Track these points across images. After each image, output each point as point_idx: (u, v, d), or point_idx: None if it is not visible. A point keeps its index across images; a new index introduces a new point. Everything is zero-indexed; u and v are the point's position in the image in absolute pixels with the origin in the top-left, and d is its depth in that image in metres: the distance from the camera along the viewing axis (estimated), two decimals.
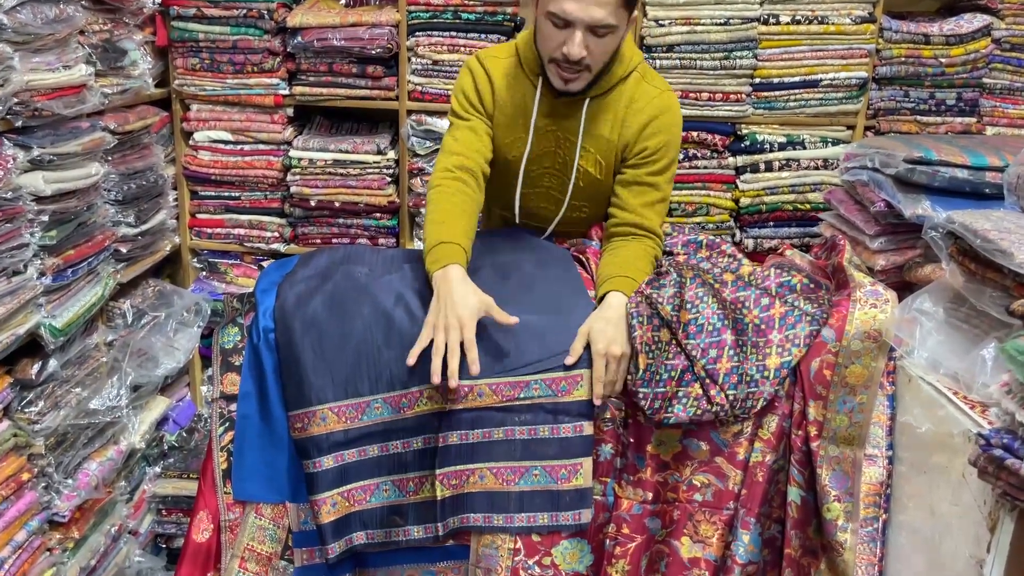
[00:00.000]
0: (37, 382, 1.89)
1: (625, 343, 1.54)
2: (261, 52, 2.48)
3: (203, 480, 1.67)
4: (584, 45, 1.60)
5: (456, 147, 1.76)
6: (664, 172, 1.79)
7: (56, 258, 1.91)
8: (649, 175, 1.77)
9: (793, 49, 2.41)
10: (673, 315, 1.56)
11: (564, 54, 1.62)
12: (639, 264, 1.69)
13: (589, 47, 1.61)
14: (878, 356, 1.53)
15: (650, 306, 1.57)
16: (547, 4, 1.61)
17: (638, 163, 1.78)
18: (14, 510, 1.83)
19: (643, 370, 1.51)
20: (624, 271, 1.66)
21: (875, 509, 1.54)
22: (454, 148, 1.76)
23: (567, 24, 1.59)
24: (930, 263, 1.65)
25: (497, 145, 1.82)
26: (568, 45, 1.61)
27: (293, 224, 2.67)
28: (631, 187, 1.78)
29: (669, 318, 1.56)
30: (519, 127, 1.80)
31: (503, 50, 1.85)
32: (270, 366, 1.59)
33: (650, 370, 1.51)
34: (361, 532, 1.56)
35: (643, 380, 1.50)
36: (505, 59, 1.82)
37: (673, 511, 1.60)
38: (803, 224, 2.52)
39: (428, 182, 1.80)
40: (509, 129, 1.81)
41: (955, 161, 1.65)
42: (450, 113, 1.84)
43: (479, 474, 1.54)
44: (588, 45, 1.61)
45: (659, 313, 1.57)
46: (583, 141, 1.78)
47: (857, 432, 1.53)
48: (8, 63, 1.73)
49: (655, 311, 1.57)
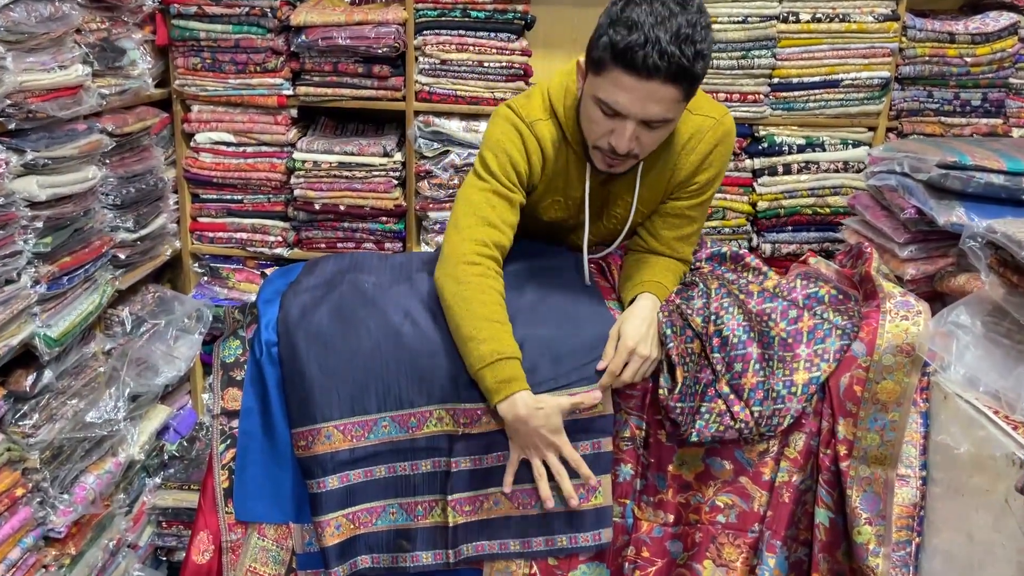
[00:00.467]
0: (32, 394, 1.83)
1: (655, 347, 1.47)
2: (264, 51, 2.42)
3: (203, 498, 1.61)
4: (634, 137, 1.44)
5: (493, 217, 1.54)
6: (706, 203, 1.68)
7: (51, 265, 1.84)
8: (691, 208, 1.66)
9: (813, 48, 2.33)
10: (703, 327, 1.50)
11: (611, 145, 1.46)
12: (667, 275, 1.62)
13: (640, 138, 1.45)
14: (911, 371, 1.47)
15: (682, 317, 1.51)
16: (596, 88, 1.42)
17: (683, 196, 1.65)
18: (8, 527, 1.76)
19: (681, 384, 1.44)
20: (654, 277, 1.59)
21: (908, 532, 1.48)
22: (491, 218, 1.54)
23: (617, 114, 1.43)
24: (964, 273, 1.58)
25: (534, 213, 1.68)
26: (617, 138, 1.44)
27: (297, 228, 2.61)
28: (668, 219, 1.67)
29: (700, 330, 1.50)
30: (558, 191, 1.65)
31: (542, 110, 1.60)
32: (273, 381, 1.53)
33: (686, 383, 1.45)
34: (367, 556, 1.50)
35: (681, 394, 1.44)
36: (547, 121, 1.60)
37: (695, 533, 1.54)
38: (823, 229, 2.45)
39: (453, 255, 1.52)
40: (547, 195, 1.66)
41: (991, 166, 1.57)
42: (482, 163, 1.59)
43: (494, 499, 1.47)
44: (639, 137, 1.45)
45: (690, 324, 1.51)
46: (637, 202, 1.64)
47: (889, 451, 1.47)
48: (1, 63, 1.66)
49: (686, 323, 1.50)
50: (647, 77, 1.35)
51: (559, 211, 1.68)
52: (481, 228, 1.52)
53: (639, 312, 1.50)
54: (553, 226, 1.74)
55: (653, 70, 1.34)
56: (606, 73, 1.39)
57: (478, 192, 1.57)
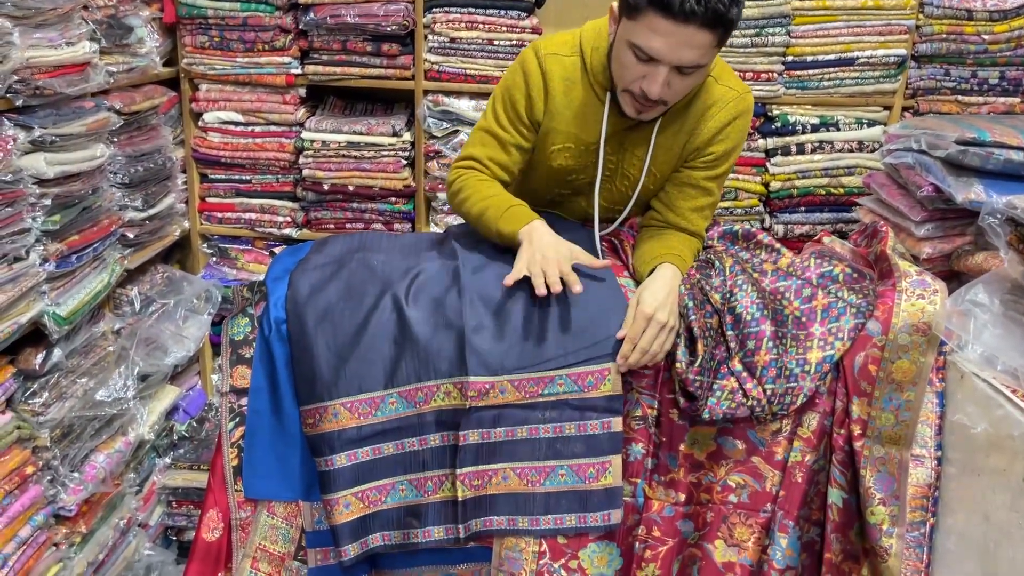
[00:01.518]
0: (41, 372, 1.84)
1: (675, 315, 1.45)
2: (272, 29, 2.40)
3: (213, 477, 1.61)
4: (666, 83, 1.44)
5: (477, 151, 1.65)
6: (721, 177, 1.67)
7: (60, 244, 1.84)
8: (706, 179, 1.65)
9: (828, 25, 2.30)
10: (722, 304, 1.49)
11: (643, 90, 1.46)
12: (684, 249, 1.60)
13: (671, 84, 1.45)
14: (927, 351, 1.45)
15: (702, 292, 1.50)
16: (630, 33, 1.42)
17: (699, 166, 1.65)
18: (18, 505, 1.78)
19: (701, 357, 1.43)
20: (672, 250, 1.57)
21: (922, 513, 1.47)
22: (474, 151, 1.65)
23: (650, 59, 1.42)
24: (982, 251, 1.55)
25: (544, 161, 1.68)
26: (649, 83, 1.44)
27: (306, 208, 2.60)
28: (684, 189, 1.66)
29: (719, 307, 1.49)
30: (570, 136, 1.63)
31: (566, 46, 1.61)
32: (282, 359, 1.52)
33: (706, 357, 1.44)
34: (377, 534, 1.49)
35: (702, 368, 1.43)
36: (568, 57, 1.60)
37: (707, 513, 1.53)
38: (836, 209, 2.42)
39: (447, 179, 1.69)
40: (558, 136, 1.64)
41: (1010, 143, 1.55)
42: (489, 104, 1.67)
43: (502, 475, 1.46)
44: (670, 83, 1.44)
45: (709, 300, 1.49)
46: (650, 162, 1.64)
47: (904, 431, 1.46)
48: (7, 39, 1.65)
49: (706, 298, 1.49)
50: (683, 22, 1.35)
51: (569, 158, 1.66)
52: (464, 158, 1.66)
53: (658, 280, 1.49)
54: (563, 182, 1.72)
55: (690, 15, 1.34)
56: (641, 18, 1.39)
57: (477, 132, 1.68)
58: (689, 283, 1.53)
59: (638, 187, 1.68)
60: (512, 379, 1.44)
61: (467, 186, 1.62)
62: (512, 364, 1.44)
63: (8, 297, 1.67)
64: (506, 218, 1.54)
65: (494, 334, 1.46)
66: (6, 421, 1.75)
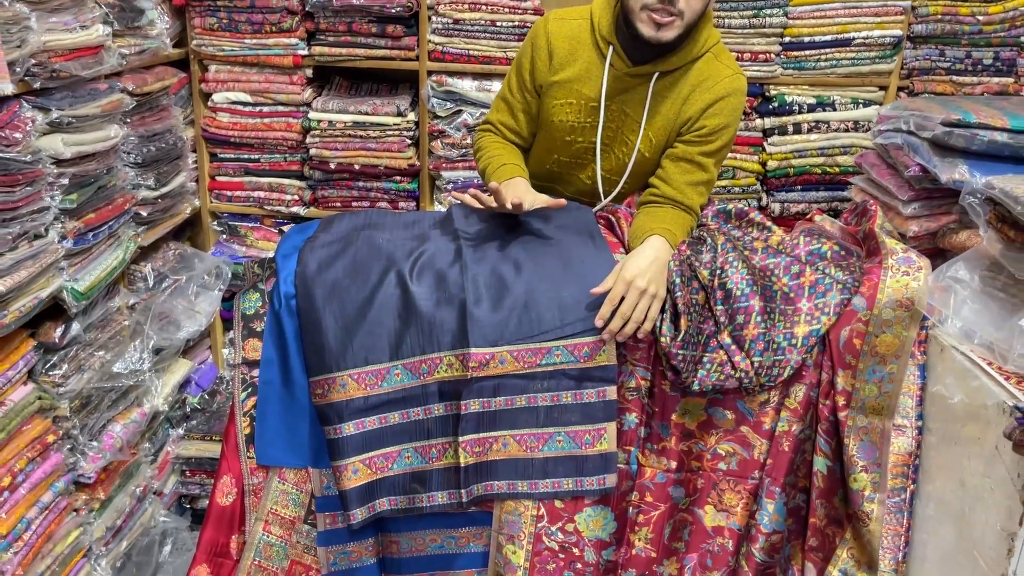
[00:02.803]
0: (61, 345, 1.90)
1: (659, 284, 1.51)
2: (280, 11, 2.44)
3: (226, 444, 1.68)
4: None
5: (495, 115, 1.89)
6: (716, 154, 1.75)
7: (77, 221, 1.90)
8: (701, 154, 1.73)
9: (825, 7, 2.33)
10: (710, 280, 1.55)
11: None
12: (676, 224, 1.67)
13: None
14: (910, 325, 1.50)
15: (690, 269, 1.56)
16: None
17: (692, 140, 1.74)
18: (40, 471, 1.85)
19: (684, 332, 1.49)
20: (663, 224, 1.64)
21: (903, 480, 1.53)
22: (493, 115, 1.90)
23: None
24: (966, 229, 1.60)
25: (548, 119, 1.80)
26: None
27: (313, 187, 2.65)
28: (679, 163, 1.74)
29: (706, 283, 1.54)
30: (572, 93, 1.76)
31: (576, 11, 1.78)
32: (291, 332, 1.59)
33: (689, 332, 1.49)
34: (384, 499, 1.57)
35: (684, 342, 1.49)
36: (575, 20, 1.77)
37: (697, 480, 1.60)
38: (832, 188, 2.47)
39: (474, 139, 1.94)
40: (560, 91, 1.77)
41: (995, 124, 1.59)
42: (509, 71, 1.87)
43: (502, 441, 1.53)
44: None
45: (697, 276, 1.55)
46: (645, 125, 1.74)
47: (886, 402, 1.51)
48: (25, 23, 1.70)
49: (694, 274, 1.55)
50: None
51: (571, 113, 1.78)
52: (483, 125, 1.92)
53: (646, 250, 1.56)
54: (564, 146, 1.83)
55: None
56: None
57: (497, 99, 1.91)
58: (679, 259, 1.59)
59: (635, 153, 1.75)
60: (511, 350, 1.51)
61: (482, 146, 1.87)
62: (511, 336, 1.50)
63: (29, 273, 1.74)
64: (497, 174, 1.74)
65: (494, 308, 1.52)
66: (28, 392, 1.82)
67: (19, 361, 1.79)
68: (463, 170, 2.56)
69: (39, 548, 1.83)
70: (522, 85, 1.82)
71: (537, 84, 1.79)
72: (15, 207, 1.69)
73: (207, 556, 1.67)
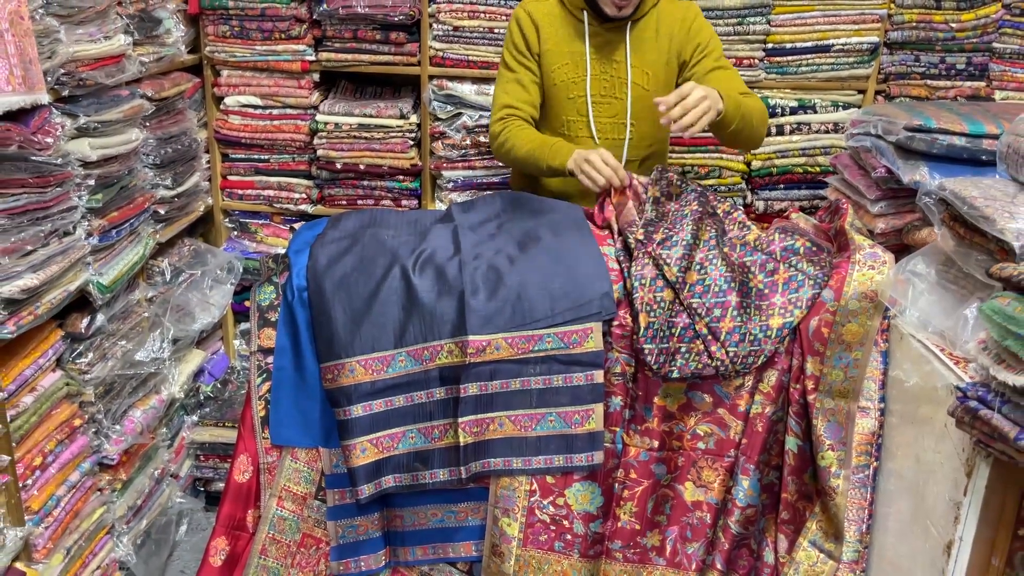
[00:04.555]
0: (86, 335, 2.01)
1: (715, 103, 1.78)
2: (288, 19, 2.56)
3: (243, 426, 1.79)
4: None
5: (505, 99, 2.05)
6: (722, 57, 2.02)
7: (102, 219, 2.02)
8: (715, 61, 2.01)
9: (806, 15, 2.45)
10: (679, 276, 1.63)
11: None
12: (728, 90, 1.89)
13: None
14: (874, 315, 1.60)
15: (656, 267, 1.66)
16: None
17: (700, 57, 2.02)
18: (68, 453, 1.96)
19: (645, 328, 1.60)
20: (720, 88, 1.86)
21: (867, 457, 1.63)
22: (503, 100, 2.06)
23: None
24: (927, 227, 1.70)
25: (551, 83, 2.03)
26: None
27: (320, 186, 2.77)
28: (707, 78, 1.97)
29: (674, 279, 1.63)
30: (568, 60, 2.04)
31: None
32: (303, 321, 1.70)
33: (652, 328, 1.60)
34: (390, 476, 1.69)
35: (646, 337, 1.60)
36: (546, 2, 2.06)
37: (678, 458, 1.70)
38: (813, 186, 2.59)
39: (490, 134, 2.08)
40: (561, 66, 2.04)
41: (954, 129, 1.70)
42: (500, 65, 2.09)
43: (498, 422, 1.65)
44: None
45: (663, 275, 1.64)
46: (631, 59, 1.99)
47: (852, 386, 1.61)
48: (55, 36, 1.82)
49: (660, 272, 1.65)
50: None
51: (568, 71, 2.06)
52: (500, 110, 2.07)
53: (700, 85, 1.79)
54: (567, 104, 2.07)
55: None
56: None
57: (497, 88, 2.11)
58: (641, 262, 1.66)
59: (629, 86, 2.01)
60: (506, 337, 1.63)
61: (511, 136, 2.02)
62: (506, 324, 1.62)
63: (59, 268, 1.85)
64: (552, 154, 1.93)
65: (490, 298, 1.64)
66: (56, 379, 1.93)
67: (49, 350, 1.91)
68: (463, 170, 2.68)
69: (67, 524, 1.95)
70: (522, 56, 2.05)
71: (534, 52, 2.05)
72: (47, 207, 1.80)
73: (225, 529, 1.79)
